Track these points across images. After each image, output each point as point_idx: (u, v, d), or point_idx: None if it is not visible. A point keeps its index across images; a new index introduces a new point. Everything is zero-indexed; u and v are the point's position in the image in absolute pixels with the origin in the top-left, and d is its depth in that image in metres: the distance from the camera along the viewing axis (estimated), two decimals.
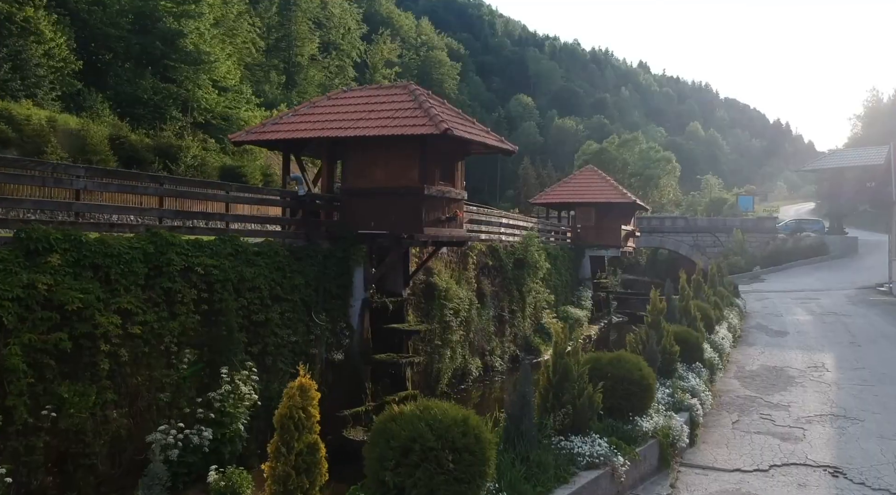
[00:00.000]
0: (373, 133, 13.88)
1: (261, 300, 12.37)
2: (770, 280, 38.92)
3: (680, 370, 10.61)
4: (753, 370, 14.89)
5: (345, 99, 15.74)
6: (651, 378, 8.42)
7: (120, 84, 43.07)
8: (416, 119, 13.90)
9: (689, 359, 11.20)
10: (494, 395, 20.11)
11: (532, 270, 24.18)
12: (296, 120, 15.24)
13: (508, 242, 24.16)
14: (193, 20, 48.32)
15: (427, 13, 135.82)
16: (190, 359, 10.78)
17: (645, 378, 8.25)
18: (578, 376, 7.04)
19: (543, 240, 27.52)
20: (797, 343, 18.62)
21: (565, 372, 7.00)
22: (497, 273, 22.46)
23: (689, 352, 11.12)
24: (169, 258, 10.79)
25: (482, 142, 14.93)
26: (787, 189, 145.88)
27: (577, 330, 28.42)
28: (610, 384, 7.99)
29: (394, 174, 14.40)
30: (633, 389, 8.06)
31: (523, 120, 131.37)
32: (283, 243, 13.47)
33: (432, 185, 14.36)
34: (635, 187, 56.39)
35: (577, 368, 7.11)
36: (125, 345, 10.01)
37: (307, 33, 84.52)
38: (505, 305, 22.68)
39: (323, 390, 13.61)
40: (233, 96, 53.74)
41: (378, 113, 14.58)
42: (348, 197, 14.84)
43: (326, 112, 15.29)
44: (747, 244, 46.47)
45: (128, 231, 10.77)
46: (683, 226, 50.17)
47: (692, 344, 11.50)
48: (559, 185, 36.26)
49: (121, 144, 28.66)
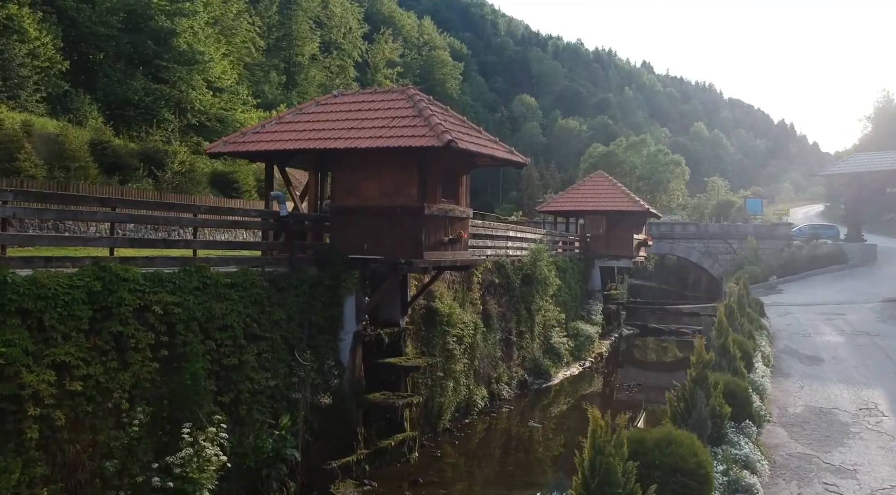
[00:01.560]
0: (365, 144, 12.14)
1: (233, 340, 10.64)
2: (788, 291, 37.12)
3: (730, 433, 8.91)
4: (798, 413, 13.13)
5: (335, 105, 13.98)
6: (708, 465, 6.70)
7: (109, 85, 41.41)
8: (416, 128, 12.15)
9: (736, 415, 9.50)
10: (501, 427, 18.38)
11: (541, 286, 22.42)
12: (280, 128, 13.49)
13: (516, 257, 22.39)
14: (187, 18, 46.64)
15: (429, 12, 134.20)
16: (142, 421, 9.02)
17: (702, 465, 6.53)
18: (624, 479, 5.32)
19: (552, 253, 25.75)
20: (837, 373, 16.85)
21: (607, 474, 5.29)
22: (504, 291, 20.72)
23: (737, 407, 9.42)
24: (120, 297, 9.06)
25: (490, 154, 13.20)
26: (793, 190, 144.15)
27: (588, 347, 26.70)
28: (659, 475, 6.27)
29: (390, 190, 12.66)
30: (688, 483, 6.34)
31: (526, 120, 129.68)
32: (263, 271, 11.73)
33: (433, 204, 12.62)
34: (643, 191, 54.58)
35: (621, 466, 5.40)
36: (62, 406, 8.29)
37: (308, 33, 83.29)
38: (512, 326, 20.93)
39: (307, 439, 11.97)
40: (228, 97, 52.10)
41: (372, 121, 12.84)
42: (338, 216, 13.10)
43: (314, 119, 13.54)
44: (761, 251, 44.67)
45: (69, 265, 9.03)
46: (694, 233, 48.35)
47: (741, 397, 9.78)
48: (567, 192, 34.42)
49: (103, 150, 26.91)
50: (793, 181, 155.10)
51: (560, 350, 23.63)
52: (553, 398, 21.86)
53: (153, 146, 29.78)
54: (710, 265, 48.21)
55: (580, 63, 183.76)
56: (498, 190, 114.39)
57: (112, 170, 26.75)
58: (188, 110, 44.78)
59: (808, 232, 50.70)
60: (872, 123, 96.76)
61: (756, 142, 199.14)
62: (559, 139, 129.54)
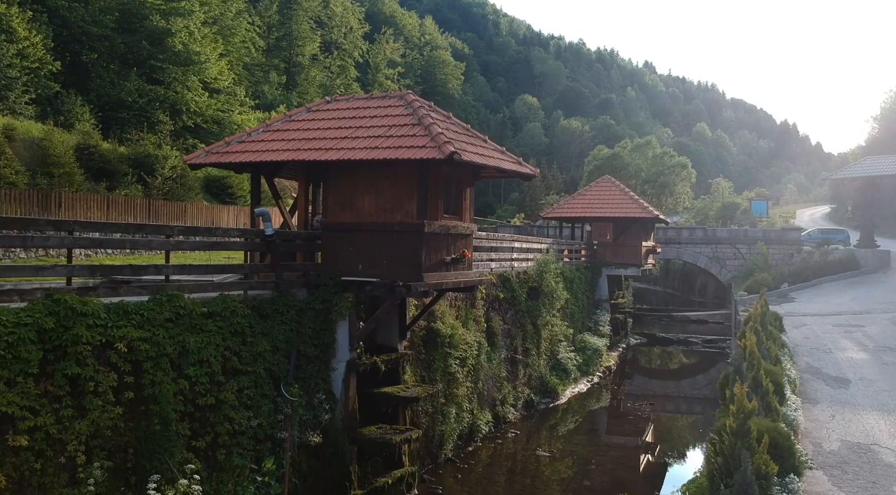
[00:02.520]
0: (360, 156, 11.00)
1: (210, 377, 9.50)
2: (801, 299, 35.91)
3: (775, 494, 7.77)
4: (834, 450, 11.96)
5: (328, 111, 12.82)
6: None
7: (102, 86, 40.39)
8: (415, 138, 11.00)
9: (780, 469, 8.32)
10: (506, 452, 17.23)
11: (548, 300, 21.27)
12: (267, 137, 12.34)
13: (521, 268, 21.24)
14: (182, 18, 45.59)
15: (431, 12, 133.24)
16: (98, 479, 7.86)
17: None
18: None
19: (558, 262, 24.58)
20: (868, 398, 15.67)
21: None
22: (509, 306, 19.57)
23: (780, 459, 8.26)
24: (76, 334, 7.93)
25: (496, 166, 12.05)
26: (797, 192, 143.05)
27: (596, 361, 25.56)
28: None
29: (387, 206, 11.51)
30: None
31: (528, 120, 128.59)
32: (245, 296, 10.58)
33: (435, 221, 11.46)
34: (649, 194, 53.36)
35: None
36: (3, 465, 7.16)
37: (308, 32, 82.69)
38: (518, 343, 19.78)
39: (294, 482, 10.80)
40: (225, 98, 51.05)
41: (368, 130, 11.69)
42: (330, 233, 11.94)
43: (305, 127, 12.39)
44: (770, 257, 43.51)
45: (17, 299, 7.89)
46: (702, 237, 47.15)
47: (783, 447, 8.62)
48: (573, 197, 33.20)
49: (90, 155, 25.78)
50: (796, 182, 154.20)
51: (567, 365, 22.48)
52: (560, 418, 20.73)
53: (144, 150, 28.66)
54: (717, 270, 47.04)
55: (582, 63, 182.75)
56: (499, 191, 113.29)
57: (99, 175, 25.66)
58: (183, 112, 43.77)
59: (819, 236, 49.45)
60: (879, 124, 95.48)
61: (759, 143, 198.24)
62: (561, 140, 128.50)
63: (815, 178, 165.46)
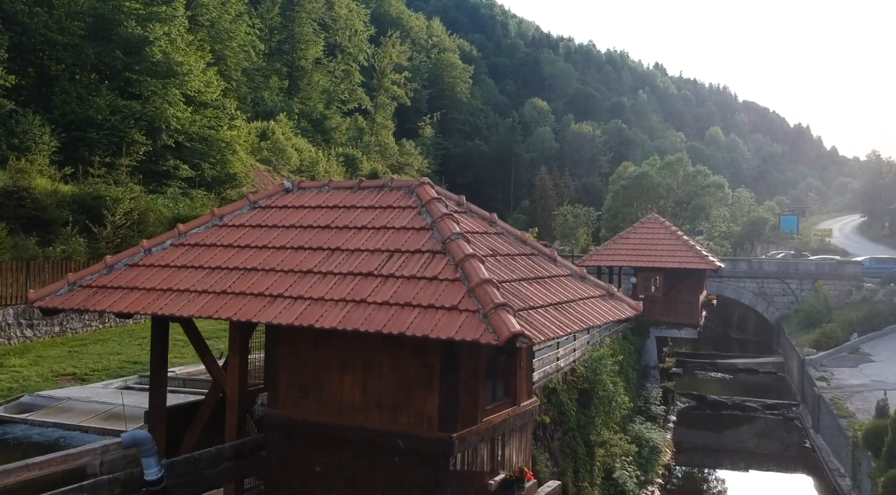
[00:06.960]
0: (331, 322, 5.74)
1: None
2: (878, 356, 30.55)
3: None
4: None
5: (286, 211, 7.49)
6: None
7: (68, 102, 35.11)
8: (439, 293, 5.71)
9: None
10: None
11: (604, 407, 15.96)
12: (176, 258, 7.04)
13: (566, 364, 15.94)
14: (162, 24, 40.36)
15: (438, 13, 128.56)
16: None
17: None
18: None
19: (607, 333, 19.23)
20: None
21: None
22: (556, 428, 14.29)
23: None
24: None
25: (585, 324, 6.73)
26: (819, 200, 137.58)
27: (655, 461, 20.21)
28: None
29: (384, 397, 6.26)
30: None
31: (538, 125, 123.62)
32: None
33: (472, 424, 6.19)
34: (681, 218, 47.91)
35: None
36: None
37: (311, 35, 79.09)
38: (569, 479, 14.46)
39: None
40: (212, 113, 45.67)
41: (351, 257, 6.42)
42: (282, 436, 6.66)
43: (243, 243, 7.09)
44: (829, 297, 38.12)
45: None
46: (746, 271, 41.83)
47: None
48: (616, 240, 27.60)
49: (19, 201, 20.39)
50: (814, 189, 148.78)
51: (626, 485, 17.15)
52: None
53: (93, 190, 23.23)
54: (764, 308, 41.73)
55: (592, 65, 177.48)
56: (509, 197, 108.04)
57: (31, 226, 20.40)
58: (163, 130, 38.47)
59: (875, 266, 43.59)
60: None
61: (772, 147, 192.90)
62: (572, 144, 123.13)
63: (830, 184, 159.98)
